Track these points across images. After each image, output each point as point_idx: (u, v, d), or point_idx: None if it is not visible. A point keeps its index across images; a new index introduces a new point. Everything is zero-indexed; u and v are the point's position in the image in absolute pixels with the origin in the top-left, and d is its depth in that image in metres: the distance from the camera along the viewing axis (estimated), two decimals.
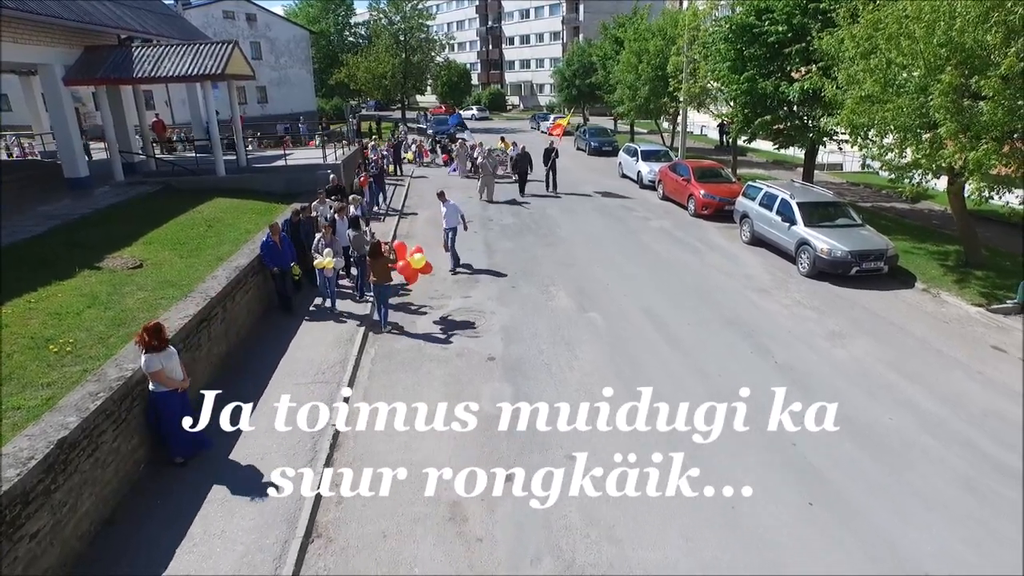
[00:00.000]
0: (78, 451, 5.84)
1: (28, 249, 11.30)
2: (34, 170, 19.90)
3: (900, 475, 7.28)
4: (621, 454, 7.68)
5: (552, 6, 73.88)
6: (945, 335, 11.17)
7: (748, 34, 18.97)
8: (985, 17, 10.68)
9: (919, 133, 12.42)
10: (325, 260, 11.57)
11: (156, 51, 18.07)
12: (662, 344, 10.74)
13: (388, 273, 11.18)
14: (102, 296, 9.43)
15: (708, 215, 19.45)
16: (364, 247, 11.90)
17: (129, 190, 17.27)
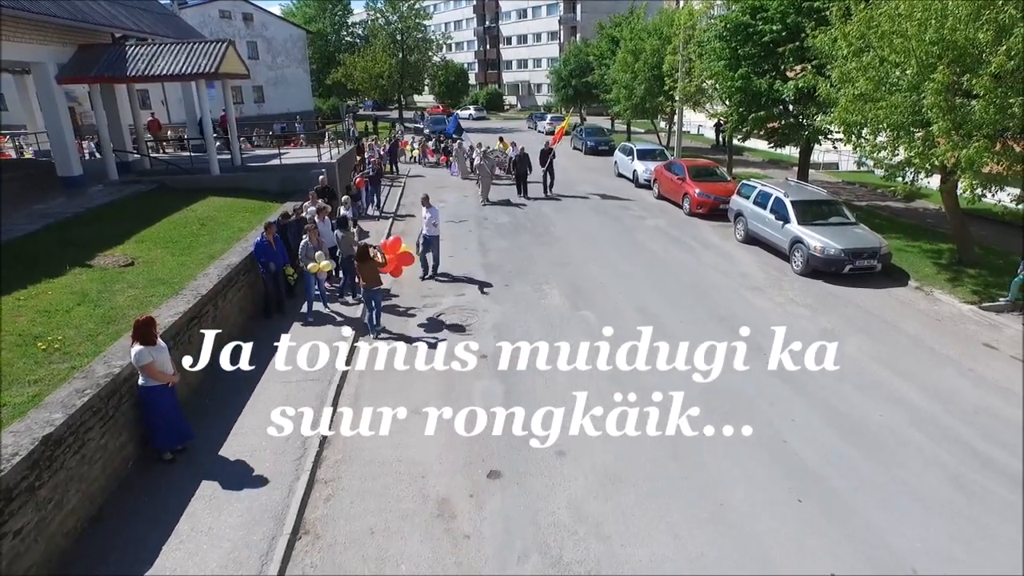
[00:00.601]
0: (64, 448, 5.81)
1: (20, 247, 11.26)
2: (28, 169, 19.83)
3: (891, 472, 7.27)
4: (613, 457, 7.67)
5: (549, 6, 73.89)
6: (937, 333, 11.18)
7: (743, 32, 19.01)
8: (976, 15, 10.70)
9: (912, 131, 12.43)
10: (321, 264, 11.38)
11: (150, 50, 18.03)
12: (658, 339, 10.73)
13: (377, 277, 10.93)
14: (92, 294, 9.40)
15: (703, 214, 19.46)
16: (352, 248, 11.75)
17: (123, 189, 17.22)
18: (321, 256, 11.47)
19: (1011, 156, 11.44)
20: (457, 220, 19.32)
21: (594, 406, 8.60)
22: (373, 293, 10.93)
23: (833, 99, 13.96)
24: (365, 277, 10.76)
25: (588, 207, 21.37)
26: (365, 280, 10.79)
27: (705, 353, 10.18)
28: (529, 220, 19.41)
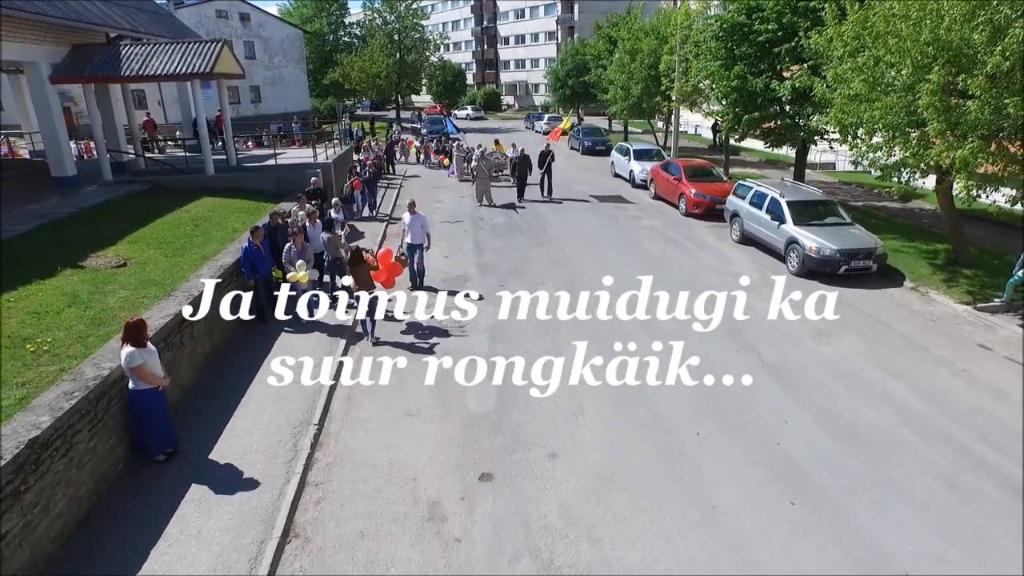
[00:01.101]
0: (51, 451, 5.77)
1: (12, 247, 11.21)
2: (22, 169, 19.76)
3: (884, 473, 7.24)
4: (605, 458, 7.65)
5: (547, 6, 73.90)
6: (932, 333, 11.16)
7: (738, 32, 19.00)
8: (971, 15, 10.68)
9: (907, 132, 12.42)
10: (299, 274, 11.03)
11: (144, 50, 17.98)
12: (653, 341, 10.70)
13: (370, 281, 10.63)
14: (83, 295, 9.36)
15: (699, 214, 19.45)
16: (339, 251, 11.48)
17: (117, 189, 17.17)
18: (302, 265, 11.09)
19: (1006, 157, 11.42)
20: (453, 220, 19.29)
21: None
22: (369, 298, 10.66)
23: (828, 100, 13.95)
24: (358, 280, 10.50)
25: (584, 207, 21.36)
26: (358, 284, 10.52)
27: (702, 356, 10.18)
28: (525, 221, 19.38)
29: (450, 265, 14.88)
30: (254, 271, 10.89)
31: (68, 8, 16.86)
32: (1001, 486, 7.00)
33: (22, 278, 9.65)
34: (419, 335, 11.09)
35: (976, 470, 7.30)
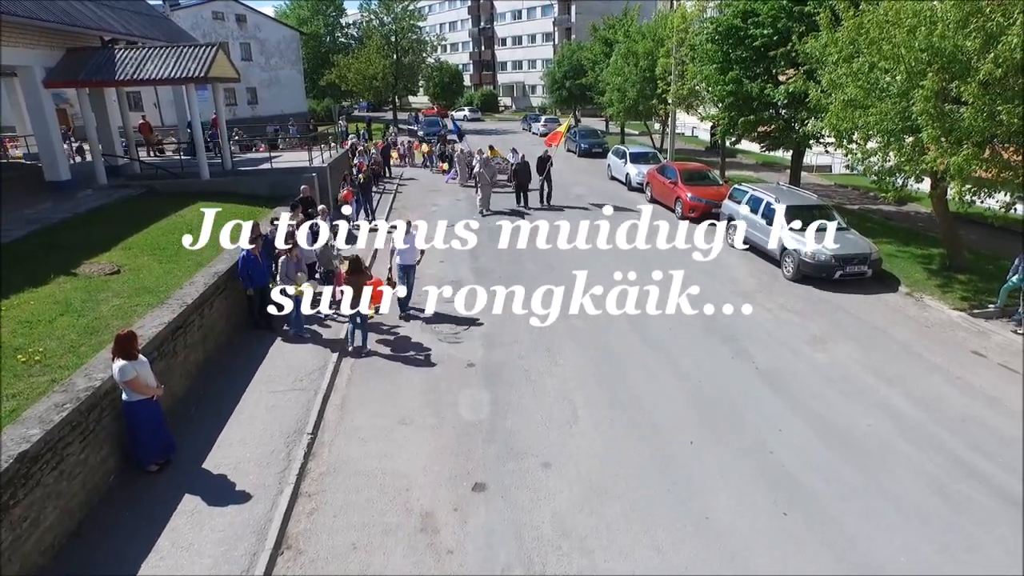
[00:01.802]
0: (41, 464, 5.73)
1: (5, 254, 11.15)
2: (15, 172, 19.69)
3: (876, 481, 7.25)
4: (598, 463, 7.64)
5: (544, 7, 73.96)
6: (926, 339, 11.18)
7: (734, 36, 19.02)
8: (964, 23, 10.70)
9: (901, 137, 12.45)
10: (301, 287, 10.67)
11: (139, 53, 17.93)
12: (644, 348, 10.71)
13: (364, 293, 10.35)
14: (76, 303, 9.33)
15: (695, 218, 19.44)
16: (332, 263, 11.26)
17: (112, 193, 17.12)
18: (302, 277, 10.82)
19: (1000, 163, 11.45)
20: (449, 224, 19.27)
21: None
22: (360, 310, 10.37)
23: (823, 105, 13.97)
24: (356, 291, 10.18)
25: (580, 210, 21.29)
26: (356, 294, 10.20)
27: (695, 358, 10.21)
28: (522, 224, 19.35)
29: (445, 269, 14.84)
30: (250, 279, 10.76)
31: (61, 12, 16.82)
32: (993, 495, 7.01)
33: (14, 286, 9.62)
34: (412, 341, 11.10)
35: (968, 479, 7.31)
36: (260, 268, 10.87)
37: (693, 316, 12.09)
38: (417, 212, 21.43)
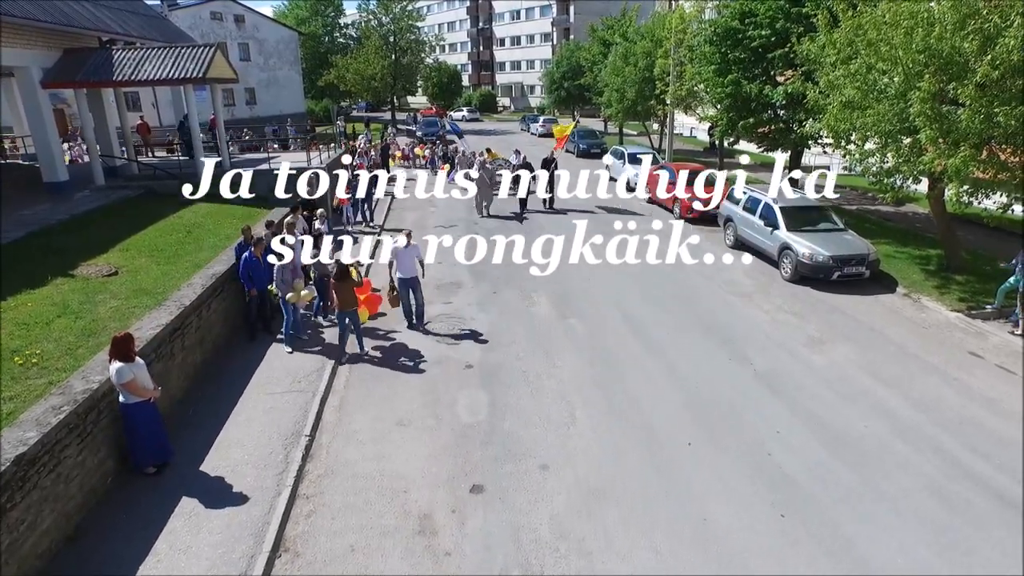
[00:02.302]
0: (38, 467, 5.73)
1: (2, 255, 11.13)
2: (13, 173, 19.64)
3: (874, 483, 7.26)
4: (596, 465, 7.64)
5: (543, 8, 73.95)
6: (924, 340, 11.20)
7: (732, 37, 19.05)
8: (962, 24, 10.72)
9: (899, 139, 12.46)
10: (302, 293, 10.61)
11: (137, 54, 17.89)
12: (642, 351, 10.71)
13: (354, 298, 10.32)
14: (73, 305, 9.31)
15: (693, 218, 19.45)
16: (326, 267, 11.09)
17: (110, 194, 17.07)
18: (300, 284, 10.73)
19: (997, 164, 11.47)
20: (447, 225, 19.26)
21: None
22: (350, 314, 10.35)
23: (821, 106, 13.99)
24: (341, 298, 10.15)
25: (578, 211, 21.29)
26: (341, 301, 10.18)
27: (693, 359, 10.22)
28: (518, 224, 19.35)
29: (443, 271, 14.86)
30: (251, 281, 10.65)
31: (59, 12, 16.79)
32: (991, 497, 7.02)
33: (12, 287, 9.59)
34: (411, 343, 11.10)
35: (965, 480, 7.32)
36: (261, 270, 10.75)
37: (691, 317, 12.10)
38: (417, 211, 21.48)
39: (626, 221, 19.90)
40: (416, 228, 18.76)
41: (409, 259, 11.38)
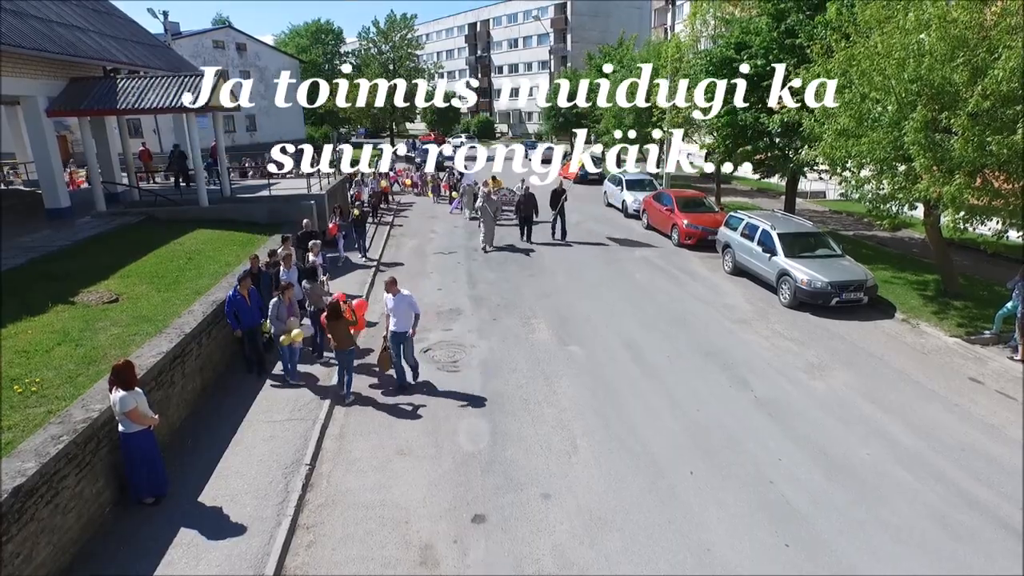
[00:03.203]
0: (36, 498, 5.68)
1: (3, 282, 11.15)
2: (14, 199, 19.75)
3: (877, 512, 7.21)
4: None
5: (540, 36, 75.12)
6: (923, 366, 11.21)
7: (728, 67, 19.33)
8: (951, 56, 10.94)
9: (894, 166, 12.63)
10: (293, 333, 10.01)
11: (141, 83, 18.14)
12: (642, 378, 10.71)
13: (349, 337, 9.92)
14: (74, 332, 9.30)
15: (691, 245, 19.59)
16: (323, 301, 10.77)
17: (111, 221, 17.18)
18: (295, 322, 10.19)
19: (991, 192, 11.60)
20: (446, 252, 19.36)
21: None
22: (345, 355, 9.85)
23: (817, 134, 14.18)
24: (336, 337, 9.75)
25: (576, 237, 21.39)
26: (336, 341, 9.76)
27: (693, 387, 10.21)
28: (519, 251, 19.44)
29: (443, 298, 14.90)
30: (238, 321, 10.15)
31: (66, 43, 17.06)
32: (995, 526, 6.98)
33: (12, 315, 9.61)
34: None
35: (969, 509, 7.28)
36: (247, 309, 10.20)
37: (691, 343, 12.12)
38: (416, 239, 21.56)
39: (625, 247, 20.02)
40: (415, 255, 19.04)
41: (402, 310, 10.06)
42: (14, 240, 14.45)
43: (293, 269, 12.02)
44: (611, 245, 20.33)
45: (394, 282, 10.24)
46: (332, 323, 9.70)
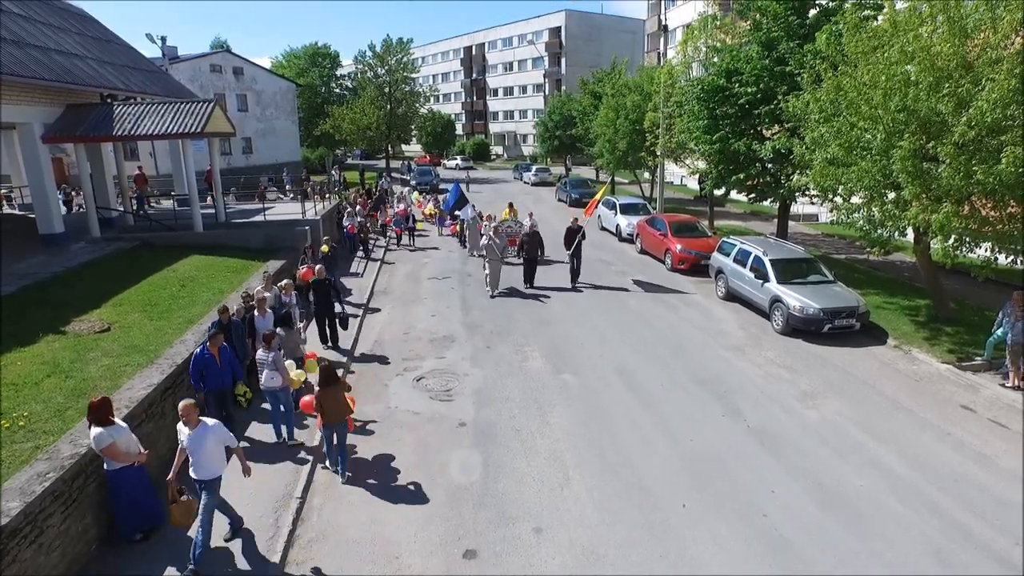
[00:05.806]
0: (19, 539, 5.60)
1: None
2: (8, 224, 19.73)
3: (872, 546, 7.17)
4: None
5: (535, 59, 76.07)
6: (916, 393, 11.22)
7: (720, 94, 19.59)
8: (937, 87, 11.12)
9: (884, 193, 12.77)
10: (293, 374, 9.35)
11: (137, 109, 18.26)
12: (636, 407, 10.68)
13: (345, 407, 8.45)
14: (64, 364, 9.25)
15: (684, 269, 19.67)
16: (300, 350, 10.01)
17: (105, 246, 17.16)
18: (292, 365, 9.60)
19: (978, 219, 11.72)
20: (441, 277, 19.37)
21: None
22: (337, 428, 8.44)
23: (807, 161, 14.34)
24: (326, 409, 8.25)
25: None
26: (327, 414, 8.27)
27: (686, 416, 10.19)
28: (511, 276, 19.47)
29: (436, 325, 14.89)
30: (203, 382, 8.72)
31: (63, 70, 17.17)
32: (991, 561, 6.95)
33: (2, 346, 9.54)
34: (403, 399, 11.03)
35: (964, 542, 7.25)
36: (216, 370, 8.76)
37: (684, 371, 12.11)
38: (410, 264, 21.56)
39: (619, 272, 20.08)
40: (409, 280, 19.04)
41: (208, 448, 6.76)
42: (7, 267, 14.37)
43: (269, 315, 10.66)
44: (605, 270, 20.37)
45: (193, 408, 6.73)
46: (325, 391, 8.21)
